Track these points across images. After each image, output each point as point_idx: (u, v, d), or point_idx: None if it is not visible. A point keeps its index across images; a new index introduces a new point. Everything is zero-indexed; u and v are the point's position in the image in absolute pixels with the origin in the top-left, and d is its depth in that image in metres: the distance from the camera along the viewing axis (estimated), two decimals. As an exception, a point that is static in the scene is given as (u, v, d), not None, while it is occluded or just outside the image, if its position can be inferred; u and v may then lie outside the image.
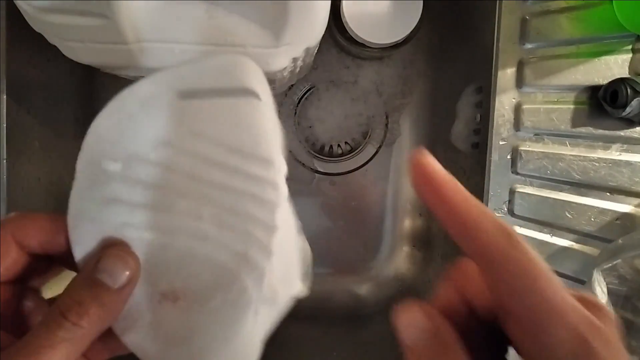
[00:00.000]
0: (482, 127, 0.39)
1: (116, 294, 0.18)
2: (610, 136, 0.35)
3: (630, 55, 0.35)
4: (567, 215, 0.36)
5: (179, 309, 0.20)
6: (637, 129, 0.35)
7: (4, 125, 0.34)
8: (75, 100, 0.45)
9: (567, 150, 0.36)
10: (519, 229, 0.38)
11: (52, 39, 0.28)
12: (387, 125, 0.50)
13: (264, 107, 0.21)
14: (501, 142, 0.37)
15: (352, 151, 0.50)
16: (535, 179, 0.37)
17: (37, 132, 0.39)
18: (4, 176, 0.34)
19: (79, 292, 0.18)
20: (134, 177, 0.20)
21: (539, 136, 0.37)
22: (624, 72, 0.35)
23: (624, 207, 0.35)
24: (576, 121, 0.36)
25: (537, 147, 0.37)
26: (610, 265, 0.31)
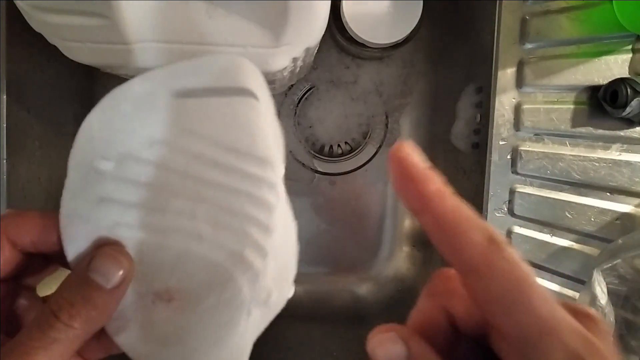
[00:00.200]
0: (482, 127, 0.39)
1: (109, 294, 0.18)
2: (610, 136, 0.35)
3: (630, 55, 0.35)
4: (567, 215, 0.36)
5: (173, 309, 0.19)
6: (637, 129, 0.35)
7: (4, 125, 0.34)
8: (75, 100, 0.45)
9: (567, 150, 0.36)
10: (519, 229, 0.38)
11: (52, 39, 0.28)
12: (387, 125, 0.50)
13: (261, 107, 0.20)
14: (501, 142, 0.37)
15: (352, 151, 0.50)
16: (535, 179, 0.37)
17: (37, 132, 0.39)
18: (4, 176, 0.34)
19: (71, 292, 0.18)
20: (127, 176, 0.19)
21: (539, 136, 0.37)
22: (624, 72, 0.35)
23: (624, 207, 0.35)
24: (576, 121, 0.36)
25: (537, 147, 0.37)
26: (610, 265, 0.31)
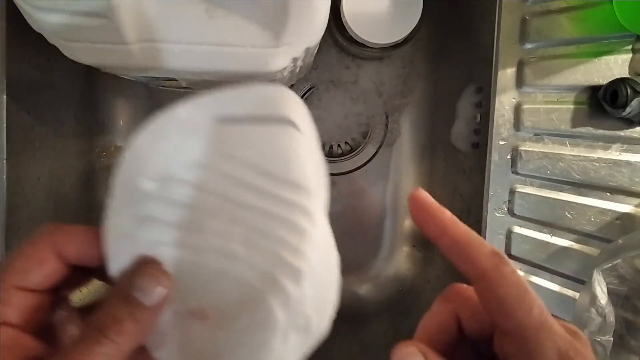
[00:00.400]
0: (482, 127, 0.39)
1: (150, 312, 0.19)
2: (610, 136, 0.35)
3: (630, 55, 0.35)
4: (567, 215, 0.36)
5: (208, 328, 0.20)
6: (637, 129, 0.35)
7: (4, 125, 0.34)
8: (75, 100, 0.45)
9: (567, 150, 0.36)
10: (518, 229, 0.38)
11: (52, 39, 0.28)
12: (387, 125, 0.50)
13: (301, 136, 0.21)
14: (501, 142, 0.37)
15: (352, 151, 0.50)
16: (535, 179, 0.37)
17: (37, 132, 0.39)
18: (4, 176, 0.34)
19: (116, 309, 0.18)
20: (169, 196, 0.20)
21: (539, 136, 0.37)
22: (624, 72, 0.35)
23: (624, 207, 0.35)
24: (576, 121, 0.36)
25: (537, 147, 0.37)
26: (610, 265, 0.31)
